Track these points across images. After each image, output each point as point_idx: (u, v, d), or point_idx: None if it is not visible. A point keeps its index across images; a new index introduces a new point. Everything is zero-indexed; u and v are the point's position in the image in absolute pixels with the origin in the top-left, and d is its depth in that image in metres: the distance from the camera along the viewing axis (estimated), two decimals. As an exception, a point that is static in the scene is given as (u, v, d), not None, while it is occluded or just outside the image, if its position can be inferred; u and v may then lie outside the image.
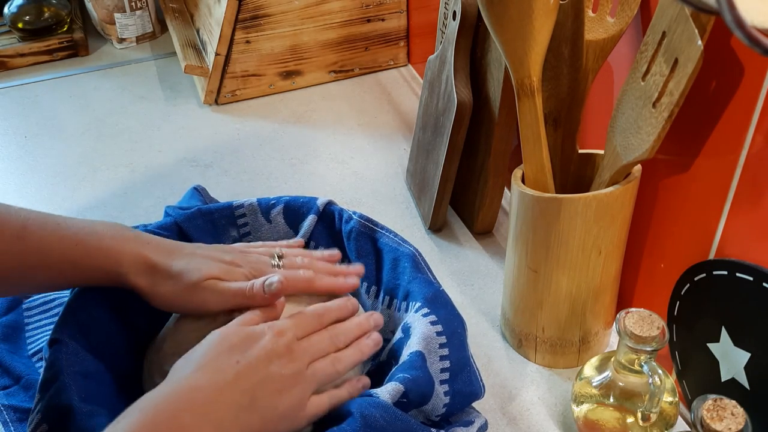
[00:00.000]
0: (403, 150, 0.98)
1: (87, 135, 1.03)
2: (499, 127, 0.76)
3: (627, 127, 0.57)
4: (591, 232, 0.60)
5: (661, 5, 0.53)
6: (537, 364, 0.70)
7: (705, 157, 0.58)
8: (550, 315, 0.66)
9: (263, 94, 1.10)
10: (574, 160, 0.68)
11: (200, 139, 1.02)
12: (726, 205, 0.57)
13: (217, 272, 0.58)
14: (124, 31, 1.23)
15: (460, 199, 0.86)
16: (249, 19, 1.02)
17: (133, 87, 1.14)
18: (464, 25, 0.75)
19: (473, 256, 0.82)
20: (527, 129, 0.62)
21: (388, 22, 1.11)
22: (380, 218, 0.71)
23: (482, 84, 0.77)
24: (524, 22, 0.58)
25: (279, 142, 1.01)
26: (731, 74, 0.53)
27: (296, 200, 0.74)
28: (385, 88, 1.12)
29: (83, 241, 0.57)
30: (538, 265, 0.64)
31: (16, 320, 0.73)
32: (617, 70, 0.67)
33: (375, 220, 0.70)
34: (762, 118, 0.52)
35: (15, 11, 1.19)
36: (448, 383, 0.58)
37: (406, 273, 0.65)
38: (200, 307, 0.59)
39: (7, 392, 0.65)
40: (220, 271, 0.58)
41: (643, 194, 0.64)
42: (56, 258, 0.57)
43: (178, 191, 0.91)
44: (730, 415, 0.48)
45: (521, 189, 0.63)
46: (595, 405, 0.60)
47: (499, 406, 0.66)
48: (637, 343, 0.54)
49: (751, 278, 0.54)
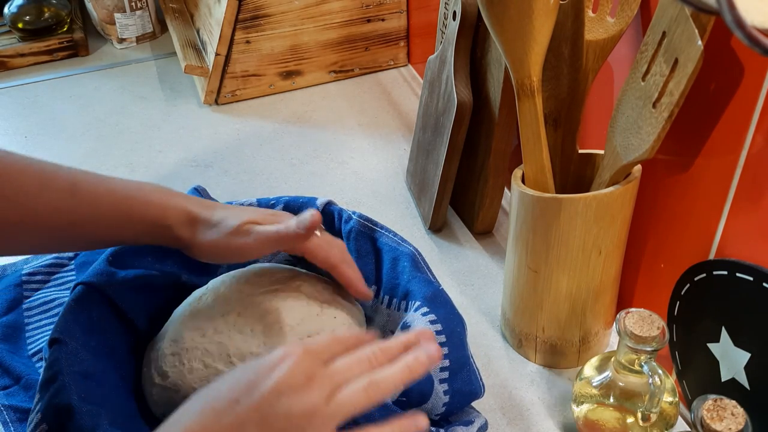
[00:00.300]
0: (403, 150, 0.98)
1: (87, 135, 1.03)
2: (499, 127, 0.76)
3: (627, 127, 0.57)
4: (591, 232, 0.60)
5: (661, 5, 0.53)
6: (537, 364, 0.70)
7: (705, 157, 0.58)
8: (550, 315, 0.66)
9: (263, 94, 1.10)
10: (574, 160, 0.68)
11: (200, 139, 1.02)
12: (726, 205, 0.57)
13: (255, 217, 0.60)
14: (124, 31, 1.23)
15: (460, 199, 0.86)
16: (249, 19, 1.03)
17: (133, 87, 1.14)
18: (464, 25, 0.75)
19: (473, 256, 0.82)
20: (527, 129, 0.62)
21: (388, 22, 1.11)
22: (380, 218, 0.71)
23: (482, 84, 0.77)
24: (524, 22, 0.58)
25: (279, 142, 1.01)
26: (731, 74, 0.53)
27: (296, 200, 0.74)
28: (385, 88, 1.12)
29: (132, 196, 0.59)
30: (538, 265, 0.64)
31: (16, 320, 0.73)
32: (617, 70, 0.67)
33: (374, 220, 0.70)
34: (762, 118, 0.52)
35: (15, 11, 1.19)
36: (448, 382, 0.58)
37: (405, 272, 0.65)
38: (241, 252, 0.60)
39: (7, 392, 0.65)
40: (258, 216, 0.60)
41: (643, 194, 0.64)
42: (106, 212, 0.58)
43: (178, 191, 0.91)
44: (730, 415, 0.48)
45: (521, 189, 0.63)
46: (595, 405, 0.60)
47: (499, 406, 0.66)
48: (637, 343, 0.54)
49: (751, 278, 0.54)
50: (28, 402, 0.64)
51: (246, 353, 0.59)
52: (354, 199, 0.90)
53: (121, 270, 0.66)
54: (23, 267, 0.78)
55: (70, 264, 0.79)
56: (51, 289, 0.76)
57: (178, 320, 0.64)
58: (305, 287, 0.66)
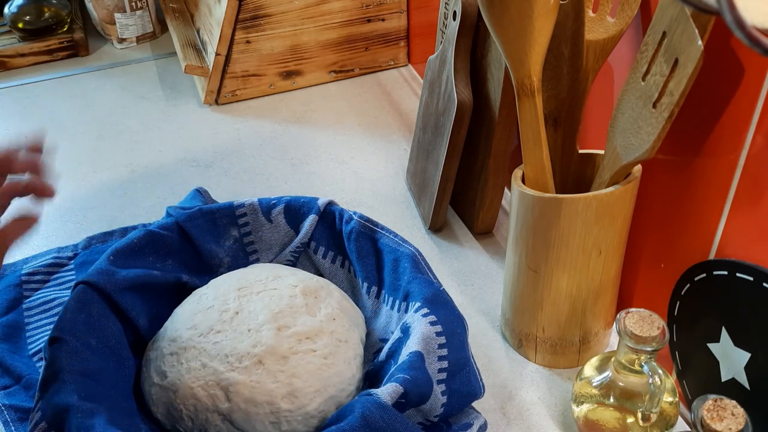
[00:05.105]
0: (403, 150, 0.98)
1: (87, 135, 1.03)
2: (499, 127, 0.76)
3: (627, 127, 0.57)
4: (591, 232, 0.61)
5: (661, 5, 0.53)
6: (537, 364, 0.70)
7: (705, 157, 0.58)
8: (550, 315, 0.66)
9: (263, 94, 1.10)
10: (574, 160, 0.68)
11: (200, 139, 1.02)
12: (726, 205, 0.57)
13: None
14: (125, 31, 1.23)
15: (460, 199, 0.86)
16: (249, 19, 1.03)
17: (133, 87, 1.14)
18: (464, 25, 0.75)
19: (473, 256, 0.82)
20: (527, 129, 0.62)
21: (388, 22, 1.11)
22: (380, 218, 0.71)
23: (482, 84, 0.77)
24: (524, 22, 0.58)
25: (279, 142, 1.01)
26: (731, 74, 0.53)
27: (297, 200, 0.74)
28: (385, 88, 1.12)
29: None
30: (538, 265, 0.64)
31: (16, 320, 0.73)
32: (617, 70, 0.67)
33: (375, 221, 0.70)
34: (762, 118, 0.52)
35: (15, 11, 1.19)
36: (446, 383, 0.58)
37: (406, 273, 0.66)
38: None
39: (7, 392, 0.65)
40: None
41: (643, 194, 0.64)
42: None
43: (179, 191, 0.91)
44: (731, 415, 0.48)
45: (521, 189, 0.63)
46: (595, 405, 0.60)
47: (499, 406, 0.66)
48: (638, 343, 0.55)
49: (751, 278, 0.54)
50: (29, 401, 0.64)
51: (244, 353, 0.60)
52: (354, 199, 0.90)
53: (122, 269, 0.67)
54: (22, 267, 0.78)
55: (69, 264, 0.79)
56: (51, 289, 0.76)
57: (177, 320, 0.65)
58: (304, 288, 0.66)
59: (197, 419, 0.59)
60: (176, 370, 0.60)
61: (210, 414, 0.58)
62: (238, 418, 0.58)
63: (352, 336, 0.64)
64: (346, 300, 0.68)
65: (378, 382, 0.62)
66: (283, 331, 0.61)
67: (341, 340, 0.63)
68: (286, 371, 0.59)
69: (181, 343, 0.62)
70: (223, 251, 0.73)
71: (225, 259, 0.73)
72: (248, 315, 0.62)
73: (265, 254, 0.74)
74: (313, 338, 0.61)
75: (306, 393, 0.59)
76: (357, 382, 0.63)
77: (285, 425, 0.58)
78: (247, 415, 0.58)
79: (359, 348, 0.65)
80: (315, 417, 0.59)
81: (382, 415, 0.54)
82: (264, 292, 0.65)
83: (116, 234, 0.83)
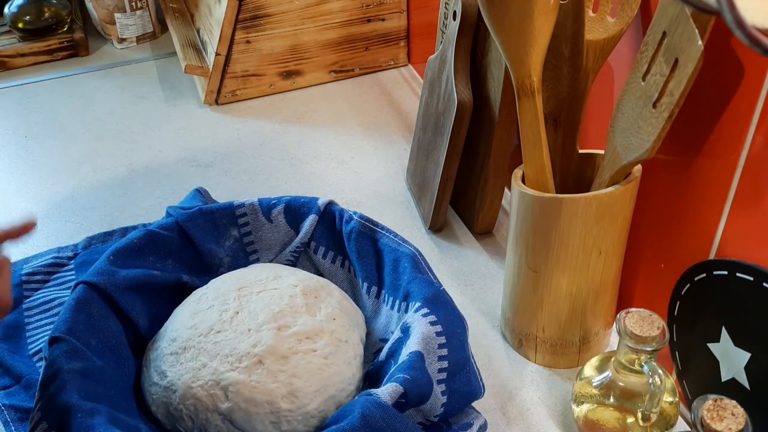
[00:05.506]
0: (403, 150, 0.98)
1: (87, 135, 1.03)
2: (499, 127, 0.76)
3: (627, 127, 0.57)
4: (591, 232, 0.61)
5: (661, 5, 0.53)
6: (537, 364, 0.70)
7: (705, 157, 0.58)
8: (550, 315, 0.66)
9: (263, 94, 1.10)
10: (574, 160, 0.68)
11: (200, 139, 1.02)
12: (726, 205, 0.57)
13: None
14: (125, 31, 1.23)
15: (460, 199, 0.86)
16: (249, 19, 1.03)
17: (133, 87, 1.14)
18: (464, 25, 0.75)
19: (473, 256, 0.82)
20: (527, 129, 0.62)
21: (388, 22, 1.11)
22: (380, 218, 0.71)
23: (482, 84, 0.77)
24: (524, 22, 0.58)
25: (279, 142, 1.01)
26: (731, 74, 0.53)
27: (297, 200, 0.74)
28: (385, 88, 1.12)
29: None
30: (538, 266, 0.64)
31: (16, 320, 0.73)
32: (617, 70, 0.67)
33: (375, 221, 0.70)
34: (762, 118, 0.52)
35: (15, 11, 1.19)
36: (445, 383, 0.58)
37: (406, 273, 0.66)
38: None
39: (7, 392, 0.65)
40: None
41: (643, 194, 0.64)
42: None
43: (179, 191, 0.91)
44: (731, 415, 0.48)
45: (521, 189, 0.63)
46: (595, 405, 0.60)
47: (499, 406, 0.66)
48: (638, 343, 0.55)
49: (751, 278, 0.54)
50: (29, 401, 0.64)
51: (244, 353, 0.60)
52: (354, 199, 0.90)
53: (122, 269, 0.66)
54: (23, 267, 0.78)
55: (69, 264, 0.79)
56: (51, 289, 0.76)
57: (177, 320, 0.65)
58: (305, 288, 0.66)
59: (197, 419, 0.59)
60: (176, 370, 0.60)
61: (210, 414, 0.58)
62: (238, 417, 0.58)
63: (352, 336, 0.64)
64: (346, 300, 0.68)
65: (378, 382, 0.62)
66: (283, 330, 0.61)
67: (341, 340, 0.63)
68: (286, 371, 0.59)
69: (181, 343, 0.62)
70: (223, 251, 0.73)
71: (225, 259, 0.73)
72: (248, 315, 0.62)
73: (265, 254, 0.74)
74: (313, 338, 0.61)
75: (306, 393, 0.59)
76: (357, 382, 0.63)
77: (285, 425, 0.58)
78: (247, 415, 0.58)
79: (359, 348, 0.65)
80: (315, 417, 0.59)
81: (382, 415, 0.54)
82: (264, 292, 0.65)
83: (116, 234, 0.83)
